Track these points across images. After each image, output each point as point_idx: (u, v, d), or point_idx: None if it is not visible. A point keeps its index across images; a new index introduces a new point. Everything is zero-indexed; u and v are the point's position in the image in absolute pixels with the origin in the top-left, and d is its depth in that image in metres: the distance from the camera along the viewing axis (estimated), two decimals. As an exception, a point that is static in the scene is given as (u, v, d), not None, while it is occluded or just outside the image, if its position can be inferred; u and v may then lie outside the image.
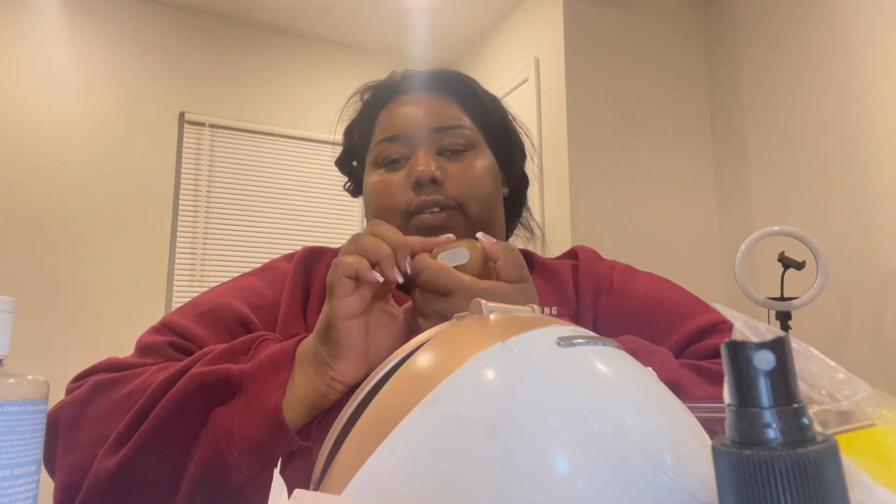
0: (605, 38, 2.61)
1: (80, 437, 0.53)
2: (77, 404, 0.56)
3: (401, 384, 0.30)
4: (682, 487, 0.25)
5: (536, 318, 0.34)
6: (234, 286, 0.72)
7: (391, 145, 0.73)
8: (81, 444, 0.53)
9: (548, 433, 0.26)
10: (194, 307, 0.67)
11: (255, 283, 0.71)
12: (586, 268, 0.76)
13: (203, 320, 0.64)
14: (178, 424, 0.50)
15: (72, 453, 0.53)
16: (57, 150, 2.61)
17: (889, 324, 2.00)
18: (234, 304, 0.66)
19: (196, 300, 0.69)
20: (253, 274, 0.75)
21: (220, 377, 0.51)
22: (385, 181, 0.72)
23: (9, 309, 0.33)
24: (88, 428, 0.54)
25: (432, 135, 0.73)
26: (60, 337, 2.43)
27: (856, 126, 2.12)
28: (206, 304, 0.66)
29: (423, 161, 0.70)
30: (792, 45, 2.36)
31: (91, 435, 0.53)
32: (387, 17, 3.03)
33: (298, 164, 3.08)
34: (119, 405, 0.54)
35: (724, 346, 0.22)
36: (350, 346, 0.50)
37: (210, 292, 0.71)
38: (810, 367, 0.29)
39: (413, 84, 0.80)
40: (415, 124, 0.74)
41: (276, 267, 0.75)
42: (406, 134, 0.73)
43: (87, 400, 0.56)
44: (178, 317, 0.65)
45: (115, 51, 2.77)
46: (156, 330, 0.64)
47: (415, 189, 0.69)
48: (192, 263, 2.80)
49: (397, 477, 0.26)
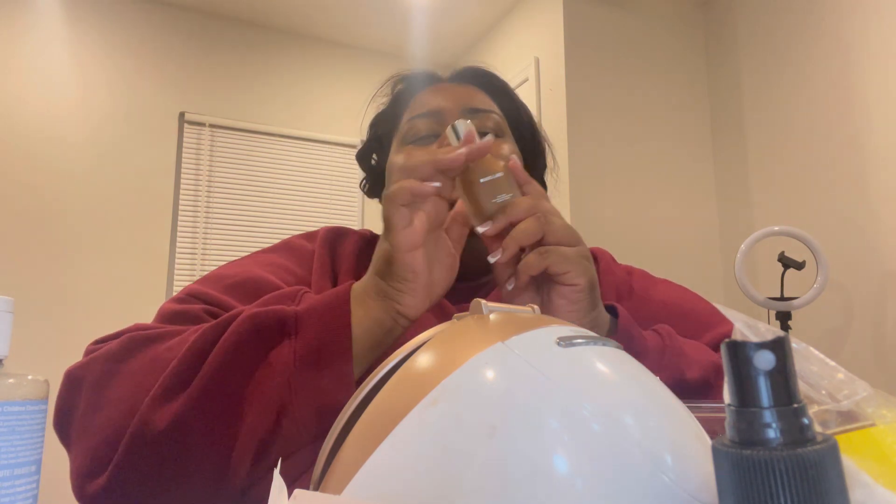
0: (605, 38, 2.60)
1: (111, 394, 0.49)
2: (108, 360, 0.51)
3: (401, 384, 0.30)
4: (682, 487, 0.25)
5: (536, 318, 0.34)
6: (258, 261, 0.68)
7: (421, 121, 0.72)
8: (114, 401, 0.48)
9: (548, 433, 0.26)
10: (220, 279, 0.63)
11: (280, 260, 0.69)
12: (607, 271, 0.76)
13: (235, 292, 0.61)
14: (235, 369, 0.46)
15: (100, 411, 0.48)
16: (57, 149, 2.61)
17: (889, 324, 2.00)
18: (268, 278, 0.63)
19: (218, 273, 0.65)
20: (272, 251, 0.72)
21: (276, 318, 0.48)
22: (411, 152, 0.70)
23: (9, 309, 0.33)
24: (123, 385, 0.49)
25: (464, 114, 0.72)
26: (60, 337, 2.43)
27: (856, 126, 2.12)
28: (235, 277, 0.63)
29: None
30: (792, 45, 2.36)
31: (126, 390, 0.48)
32: (387, 17, 3.03)
33: (298, 164, 3.07)
34: (160, 360, 0.49)
35: (724, 346, 0.22)
36: (415, 279, 0.49)
37: (232, 266, 0.67)
38: (810, 367, 0.29)
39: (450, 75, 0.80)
40: (448, 102, 0.73)
41: (298, 245, 0.72)
42: (437, 111, 0.72)
43: (121, 356, 0.51)
44: (205, 287, 0.61)
45: (115, 51, 2.77)
46: (180, 300, 0.60)
47: None
48: (192, 263, 2.80)
49: (397, 477, 0.26)
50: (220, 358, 0.46)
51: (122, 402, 0.48)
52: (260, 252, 0.72)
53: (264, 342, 0.48)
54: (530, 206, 0.51)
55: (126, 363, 0.50)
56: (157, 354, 0.50)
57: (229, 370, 0.46)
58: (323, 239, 0.71)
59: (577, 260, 0.51)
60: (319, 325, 0.48)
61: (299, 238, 0.74)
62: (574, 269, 0.51)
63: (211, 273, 0.66)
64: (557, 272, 0.50)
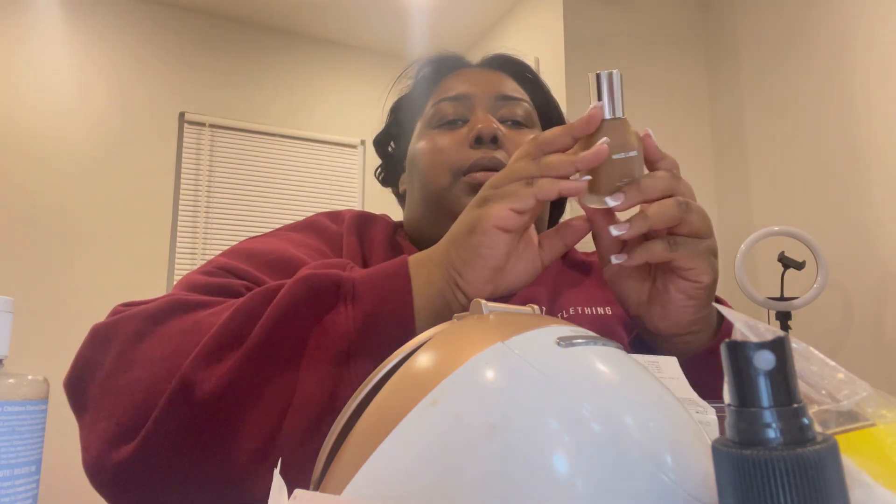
0: (605, 38, 2.60)
1: (146, 354, 0.44)
2: (146, 319, 0.46)
3: (401, 384, 0.30)
4: (682, 487, 0.25)
5: (536, 318, 0.34)
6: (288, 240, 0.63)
7: (449, 105, 0.69)
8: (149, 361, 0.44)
9: (548, 433, 0.26)
10: (254, 255, 0.58)
11: (312, 241, 0.65)
12: None
13: (272, 270, 0.56)
14: (289, 333, 0.43)
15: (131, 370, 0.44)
16: (57, 149, 2.61)
17: (889, 324, 2.00)
18: (304, 258, 0.59)
19: (250, 247, 0.60)
20: (298, 230, 0.68)
21: (333, 282, 0.45)
22: (442, 138, 0.68)
23: (9, 309, 0.33)
24: (162, 345, 0.44)
25: (494, 101, 0.70)
26: (60, 337, 2.43)
27: (856, 126, 2.11)
28: (268, 255, 0.58)
29: (485, 118, 0.67)
30: (792, 45, 2.36)
31: (165, 350, 0.44)
32: (387, 17, 3.03)
33: (298, 164, 3.07)
34: (204, 324, 0.45)
35: (724, 346, 0.22)
36: (489, 257, 0.45)
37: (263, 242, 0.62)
38: (810, 367, 0.29)
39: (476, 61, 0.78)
40: (480, 88, 0.71)
41: (324, 226, 0.69)
42: (467, 95, 0.70)
43: (160, 316, 0.46)
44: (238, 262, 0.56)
45: (116, 51, 2.77)
46: (210, 273, 0.54)
47: (473, 145, 0.66)
48: (192, 263, 2.79)
49: (397, 477, 0.26)
50: (273, 320, 0.43)
51: (160, 362, 0.43)
52: (284, 229, 0.68)
53: (320, 306, 0.44)
54: (669, 186, 0.46)
55: (166, 324, 0.46)
56: (201, 319, 0.46)
57: (283, 333, 0.43)
58: (350, 223, 0.69)
59: (706, 255, 0.47)
60: (378, 293, 0.45)
61: (323, 216, 0.71)
62: (701, 265, 0.47)
63: (237, 247, 0.61)
64: (684, 267, 0.47)
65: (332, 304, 0.45)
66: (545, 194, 0.44)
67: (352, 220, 0.70)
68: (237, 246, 0.61)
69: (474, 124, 0.67)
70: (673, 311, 0.50)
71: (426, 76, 0.77)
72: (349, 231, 0.68)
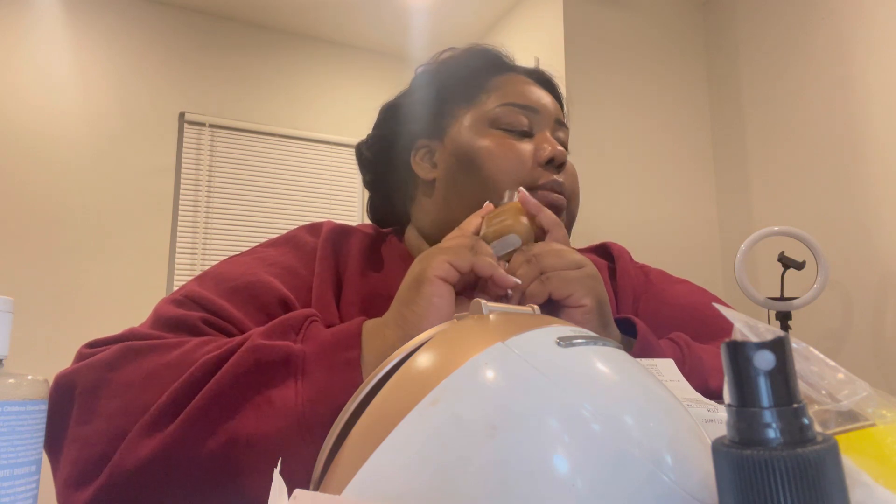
0: (605, 38, 2.60)
1: (101, 406, 0.46)
2: (101, 368, 0.48)
3: (401, 384, 0.30)
4: (682, 487, 0.25)
5: (536, 318, 0.34)
6: (261, 259, 0.64)
7: (520, 113, 0.69)
8: (103, 414, 0.46)
9: (548, 433, 0.26)
10: (222, 280, 0.59)
11: (285, 258, 0.65)
12: (624, 272, 0.75)
13: (237, 298, 0.58)
14: (232, 404, 0.44)
15: (89, 423, 0.46)
16: (57, 149, 2.61)
17: (889, 324, 2.00)
18: (271, 282, 0.60)
19: (220, 272, 0.61)
20: (275, 246, 0.68)
21: (282, 355, 0.45)
22: (513, 147, 0.68)
23: (9, 309, 0.33)
24: (114, 396, 0.47)
25: (555, 124, 0.72)
26: (60, 337, 2.43)
27: (856, 126, 2.11)
28: (236, 280, 0.59)
29: (555, 143, 0.68)
30: (792, 45, 2.36)
31: (117, 404, 0.46)
32: (387, 17, 3.03)
33: (298, 164, 3.07)
34: (155, 375, 0.47)
35: (724, 346, 0.22)
36: (441, 306, 0.47)
37: (235, 264, 0.63)
38: (810, 367, 0.29)
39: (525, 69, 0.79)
40: (544, 105, 0.72)
41: (303, 241, 0.69)
42: (538, 110, 0.71)
43: (114, 364, 0.49)
44: (204, 290, 0.58)
45: (116, 51, 2.77)
46: (177, 303, 0.57)
47: (543, 166, 0.67)
48: (192, 263, 2.80)
49: (397, 477, 0.26)
50: (213, 392, 0.44)
51: (114, 417, 0.46)
52: (263, 246, 0.68)
53: (267, 379, 0.45)
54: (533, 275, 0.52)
55: (120, 372, 0.48)
56: (153, 369, 0.48)
57: (224, 404, 0.44)
58: (326, 238, 0.68)
59: (582, 280, 0.52)
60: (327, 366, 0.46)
61: (303, 231, 0.71)
62: (578, 290, 0.51)
63: (211, 270, 0.62)
64: (562, 296, 0.51)
65: (282, 379, 0.45)
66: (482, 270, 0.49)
67: (328, 233, 0.69)
68: (210, 269, 0.63)
69: (546, 145, 0.68)
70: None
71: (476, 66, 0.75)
72: (325, 244, 0.67)
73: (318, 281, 0.63)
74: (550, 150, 0.67)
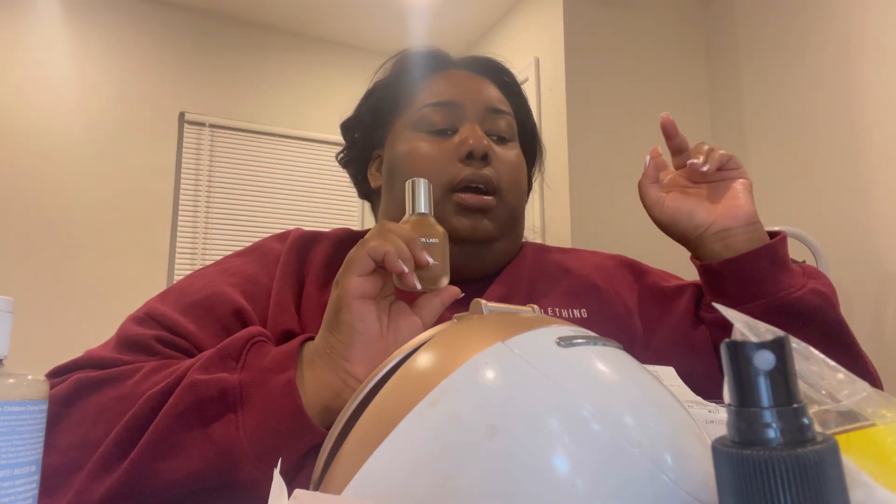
0: (605, 38, 2.60)
1: (57, 440, 0.48)
2: (57, 402, 0.50)
3: (401, 384, 0.30)
4: (682, 487, 0.25)
5: (536, 318, 0.34)
6: (224, 270, 0.65)
7: (439, 111, 0.69)
8: (59, 448, 0.48)
9: (548, 433, 0.26)
10: (182, 295, 0.60)
11: (247, 267, 0.66)
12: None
13: (193, 312, 0.58)
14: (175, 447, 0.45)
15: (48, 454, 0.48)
16: (57, 149, 2.61)
17: (889, 324, 2.00)
18: (227, 293, 0.60)
19: (183, 286, 0.63)
20: (242, 255, 0.69)
21: (218, 389, 0.46)
22: (430, 147, 0.67)
23: (9, 309, 0.33)
24: (69, 430, 0.48)
25: (484, 113, 0.70)
26: (60, 337, 2.43)
27: (856, 126, 2.11)
28: (195, 293, 0.60)
29: (476, 134, 0.67)
30: (792, 45, 2.36)
31: (71, 439, 0.48)
32: (387, 17, 3.03)
33: (298, 164, 3.07)
34: (105, 410, 0.48)
35: (724, 346, 0.22)
36: (365, 330, 0.46)
37: (198, 277, 0.64)
38: (810, 367, 0.29)
39: (464, 61, 0.77)
40: (470, 96, 0.70)
41: (269, 249, 0.69)
42: (459, 104, 0.69)
43: (68, 399, 0.50)
44: (163, 306, 0.59)
45: (115, 51, 2.77)
46: (138, 320, 0.58)
47: (464, 161, 0.66)
48: (192, 263, 2.79)
49: (397, 477, 0.26)
50: (156, 435, 0.44)
51: (67, 452, 0.47)
52: (232, 255, 0.69)
53: (206, 414, 0.45)
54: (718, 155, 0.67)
55: (74, 407, 0.49)
56: (105, 404, 0.49)
57: (168, 442, 0.44)
58: (292, 243, 0.68)
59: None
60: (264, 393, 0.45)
61: (271, 239, 0.72)
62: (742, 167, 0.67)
63: (176, 284, 0.63)
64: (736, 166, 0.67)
65: (220, 414, 0.45)
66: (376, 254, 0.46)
67: (294, 240, 0.69)
68: (175, 284, 0.64)
69: (465, 138, 0.66)
70: (741, 203, 0.65)
71: (409, 71, 0.75)
72: (289, 250, 0.67)
73: (277, 288, 0.63)
74: (470, 144, 0.66)
